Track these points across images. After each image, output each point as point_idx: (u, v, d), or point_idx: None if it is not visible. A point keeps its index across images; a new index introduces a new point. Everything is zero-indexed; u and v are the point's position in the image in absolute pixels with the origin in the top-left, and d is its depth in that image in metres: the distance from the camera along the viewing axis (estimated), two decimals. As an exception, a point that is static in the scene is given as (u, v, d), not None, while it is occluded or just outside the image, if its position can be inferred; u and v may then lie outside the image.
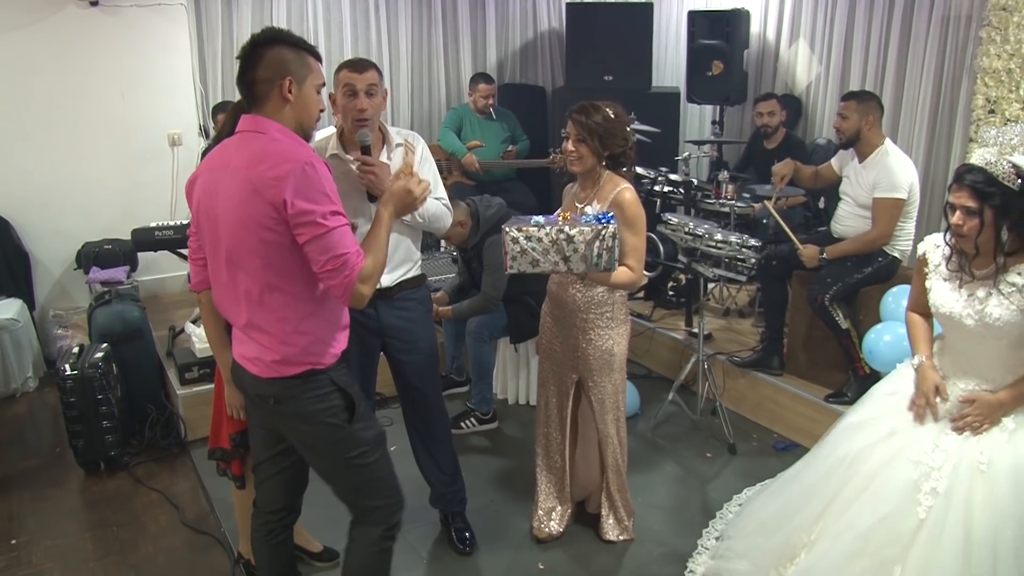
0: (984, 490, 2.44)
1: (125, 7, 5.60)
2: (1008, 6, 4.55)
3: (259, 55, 2.19)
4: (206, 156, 2.33)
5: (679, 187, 5.33)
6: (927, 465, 2.53)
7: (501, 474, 4.02)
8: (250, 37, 2.26)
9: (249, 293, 2.22)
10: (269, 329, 2.24)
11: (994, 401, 2.54)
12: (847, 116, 4.09)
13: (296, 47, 2.23)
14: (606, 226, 2.65)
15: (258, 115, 2.21)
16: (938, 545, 2.45)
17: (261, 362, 2.28)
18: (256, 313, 2.24)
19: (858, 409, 2.92)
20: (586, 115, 2.99)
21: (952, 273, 2.60)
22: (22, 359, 5.01)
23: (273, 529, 2.58)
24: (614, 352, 3.18)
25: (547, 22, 7.42)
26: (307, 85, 2.24)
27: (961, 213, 2.45)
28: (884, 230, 4.00)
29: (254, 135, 2.19)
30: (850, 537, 2.62)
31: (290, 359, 2.25)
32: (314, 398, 2.30)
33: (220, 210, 2.19)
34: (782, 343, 4.56)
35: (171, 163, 5.95)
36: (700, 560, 3.30)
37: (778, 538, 2.90)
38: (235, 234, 2.17)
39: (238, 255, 2.19)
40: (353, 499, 2.45)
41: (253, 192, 2.10)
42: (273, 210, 2.09)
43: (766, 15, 6.49)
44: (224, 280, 2.27)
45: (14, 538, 3.53)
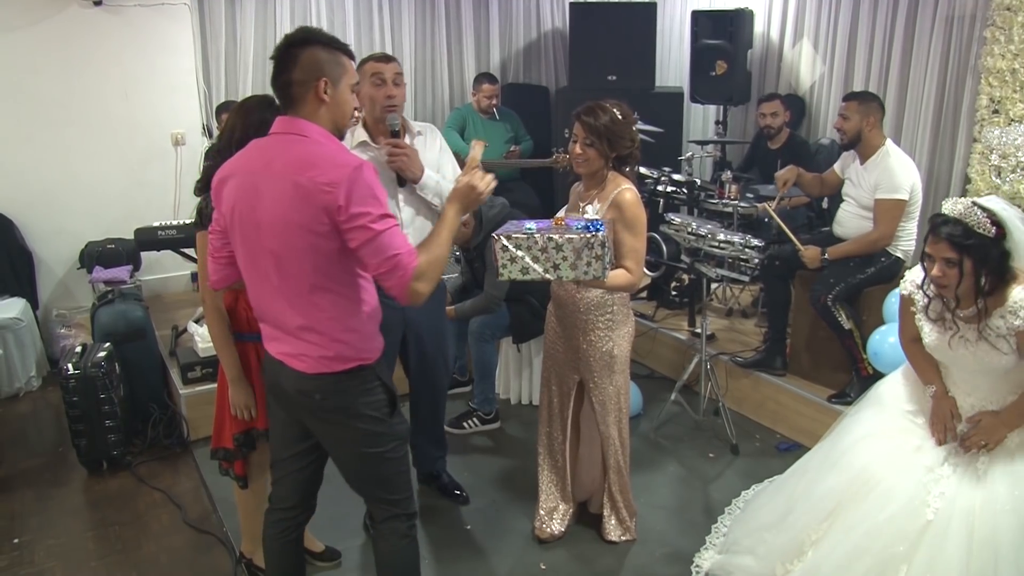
0: (983, 493, 2.49)
1: (128, 7, 5.61)
2: (1012, 6, 4.54)
3: (294, 56, 2.18)
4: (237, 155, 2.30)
5: (682, 187, 5.33)
6: (938, 472, 2.61)
7: (503, 474, 4.02)
8: (284, 37, 2.24)
9: (300, 294, 2.22)
10: (321, 328, 2.24)
11: (998, 422, 2.60)
12: (848, 117, 4.08)
13: (330, 47, 2.22)
14: (595, 234, 2.65)
15: (295, 117, 2.21)
16: (943, 545, 2.48)
17: (308, 358, 2.27)
18: (308, 313, 2.24)
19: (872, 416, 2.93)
20: (594, 117, 2.98)
21: (937, 316, 2.67)
22: (25, 358, 5.02)
23: (287, 527, 2.58)
24: (615, 354, 3.17)
25: (551, 22, 7.42)
26: (342, 85, 2.23)
27: (941, 265, 2.53)
28: (886, 231, 4.00)
29: (296, 138, 2.18)
30: (858, 534, 2.65)
31: (343, 355, 2.27)
32: (361, 392, 2.32)
33: (264, 213, 2.17)
34: (785, 343, 4.55)
35: (174, 163, 5.96)
36: (706, 556, 3.31)
37: (786, 535, 2.92)
38: (283, 237, 2.16)
39: (287, 257, 2.18)
40: (380, 493, 2.45)
41: (304, 197, 2.10)
42: (325, 215, 2.10)
43: (770, 15, 6.49)
44: (272, 282, 2.24)
45: (16, 537, 3.53)
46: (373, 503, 2.49)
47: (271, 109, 2.78)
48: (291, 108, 2.23)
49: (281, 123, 2.23)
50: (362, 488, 2.48)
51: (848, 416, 3.05)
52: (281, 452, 2.53)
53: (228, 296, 2.79)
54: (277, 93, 2.25)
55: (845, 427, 2.99)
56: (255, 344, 2.80)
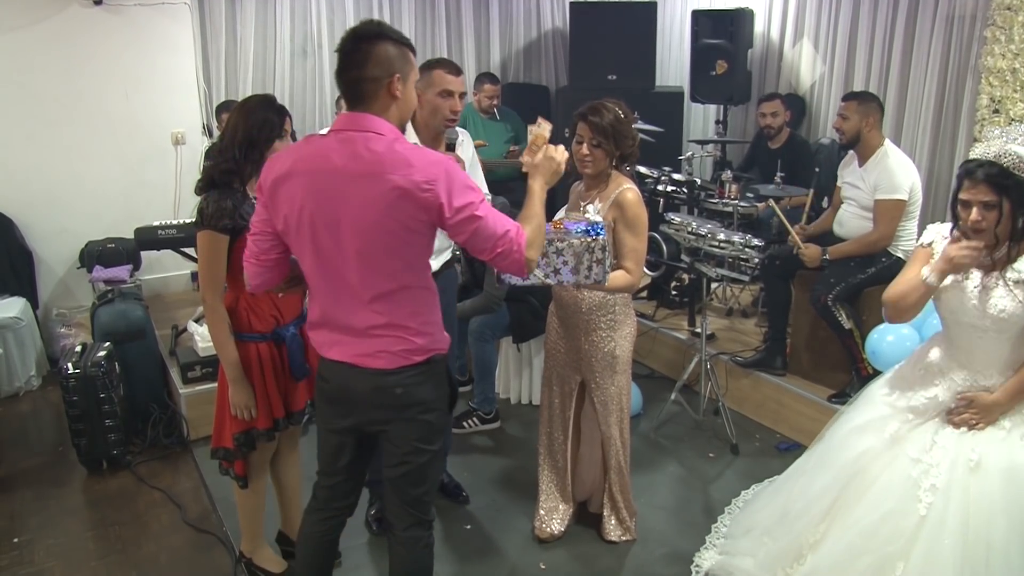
0: (977, 486, 2.48)
1: (129, 6, 5.61)
2: (1013, 5, 4.54)
3: (365, 51, 2.12)
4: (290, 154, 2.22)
5: (682, 187, 5.33)
6: (926, 463, 2.58)
7: (503, 474, 4.02)
8: (350, 31, 2.17)
9: (386, 293, 2.20)
10: (406, 323, 2.24)
11: (990, 402, 2.59)
12: (847, 116, 4.09)
13: (398, 43, 2.18)
14: (595, 239, 2.64)
15: (365, 113, 2.16)
16: (939, 540, 2.48)
17: (387, 354, 2.25)
18: (393, 312, 2.22)
19: (860, 411, 2.92)
20: (600, 116, 2.98)
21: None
22: (25, 358, 5.02)
23: (334, 524, 2.55)
24: (616, 354, 3.17)
25: (551, 21, 7.42)
26: (410, 82, 2.21)
27: (979, 208, 2.49)
28: (885, 231, 4.00)
29: (374, 136, 2.13)
30: (854, 534, 2.66)
31: (423, 347, 2.28)
32: (436, 384, 2.34)
33: (348, 212, 2.12)
34: (785, 343, 4.55)
35: (174, 162, 5.96)
36: (706, 556, 3.31)
37: (785, 540, 2.92)
38: (371, 236, 2.13)
39: (375, 257, 2.15)
40: (420, 495, 2.41)
41: (402, 196, 2.07)
42: (423, 213, 2.10)
43: (770, 14, 6.48)
44: (349, 282, 2.20)
45: (16, 536, 3.53)
46: (403, 508, 2.42)
47: (273, 108, 2.79)
48: (360, 104, 2.16)
49: (349, 120, 2.17)
50: (406, 490, 2.40)
51: (840, 414, 3.06)
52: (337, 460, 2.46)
53: (229, 296, 2.80)
54: (345, 88, 2.17)
55: (836, 425, 3.00)
56: (256, 344, 2.81)
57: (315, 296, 2.30)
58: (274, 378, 2.86)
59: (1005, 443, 2.52)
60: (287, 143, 2.80)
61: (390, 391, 2.28)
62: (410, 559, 2.45)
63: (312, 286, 2.29)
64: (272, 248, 2.30)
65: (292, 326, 2.89)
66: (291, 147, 2.28)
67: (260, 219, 2.29)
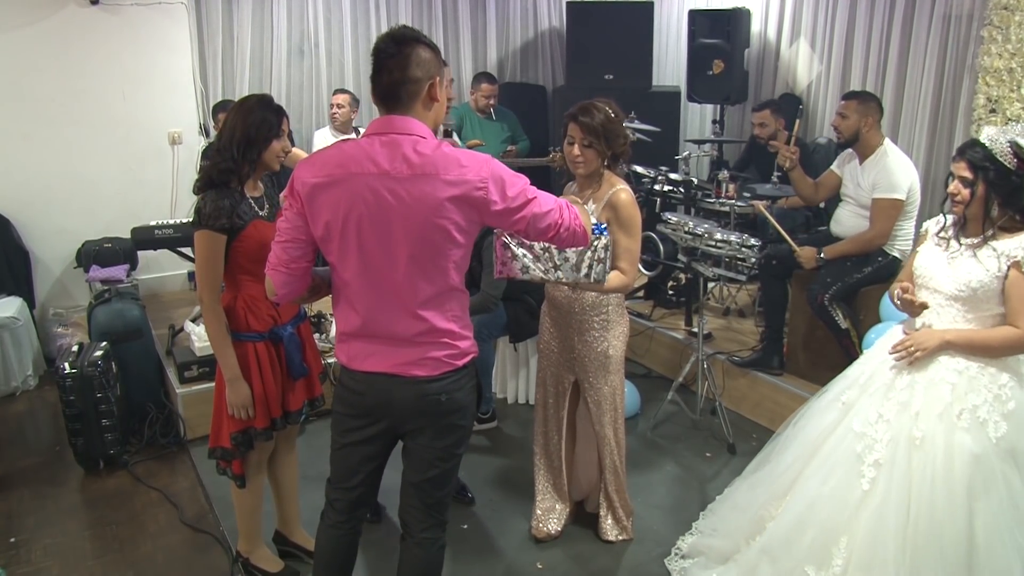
0: (920, 463, 2.54)
1: (126, 6, 5.61)
2: (1010, 5, 4.55)
3: (407, 55, 2.10)
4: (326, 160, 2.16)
5: (679, 186, 5.33)
6: (871, 437, 2.66)
7: (500, 473, 4.02)
8: (387, 35, 2.15)
9: (432, 297, 2.19)
10: (452, 327, 2.25)
11: (936, 332, 2.67)
12: (847, 115, 4.09)
13: (431, 47, 2.17)
14: (598, 237, 2.64)
15: (404, 116, 2.14)
16: (882, 516, 2.55)
17: (431, 361, 2.24)
18: (440, 316, 2.22)
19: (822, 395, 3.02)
20: (591, 116, 2.97)
21: (942, 239, 2.76)
22: (22, 357, 5.02)
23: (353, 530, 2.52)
24: (610, 355, 3.18)
25: (547, 21, 7.43)
26: (443, 85, 2.23)
27: (957, 182, 2.64)
28: (881, 230, 4.00)
29: (417, 139, 2.12)
30: (802, 507, 2.75)
31: (467, 350, 2.30)
32: (470, 389, 2.35)
33: (399, 217, 2.10)
34: (782, 343, 4.55)
35: (171, 162, 5.96)
36: (688, 540, 3.38)
37: (748, 513, 3.03)
38: (425, 240, 2.11)
39: (426, 261, 2.14)
40: (441, 496, 2.41)
41: (456, 198, 2.08)
42: (476, 213, 2.13)
43: (767, 14, 6.49)
44: (398, 289, 2.18)
45: (13, 536, 3.53)
46: (424, 510, 2.40)
47: (270, 108, 2.78)
48: (399, 107, 2.14)
49: (388, 123, 2.14)
50: (431, 492, 2.38)
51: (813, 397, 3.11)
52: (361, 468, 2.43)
53: (226, 295, 2.80)
54: (384, 91, 2.13)
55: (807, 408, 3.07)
56: (253, 344, 2.81)
57: (357, 305, 2.24)
58: (272, 378, 2.86)
59: (943, 419, 2.56)
60: (285, 143, 2.80)
61: (434, 398, 2.25)
62: (425, 560, 2.44)
63: (354, 295, 2.23)
64: (303, 256, 2.24)
65: (289, 326, 2.89)
66: (324, 152, 2.21)
67: (292, 226, 2.21)
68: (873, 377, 2.79)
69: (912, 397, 2.63)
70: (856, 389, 2.82)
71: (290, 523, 3.29)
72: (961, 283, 2.62)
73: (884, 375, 2.75)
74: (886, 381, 2.73)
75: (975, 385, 2.57)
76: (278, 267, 2.25)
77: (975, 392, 2.56)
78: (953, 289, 2.64)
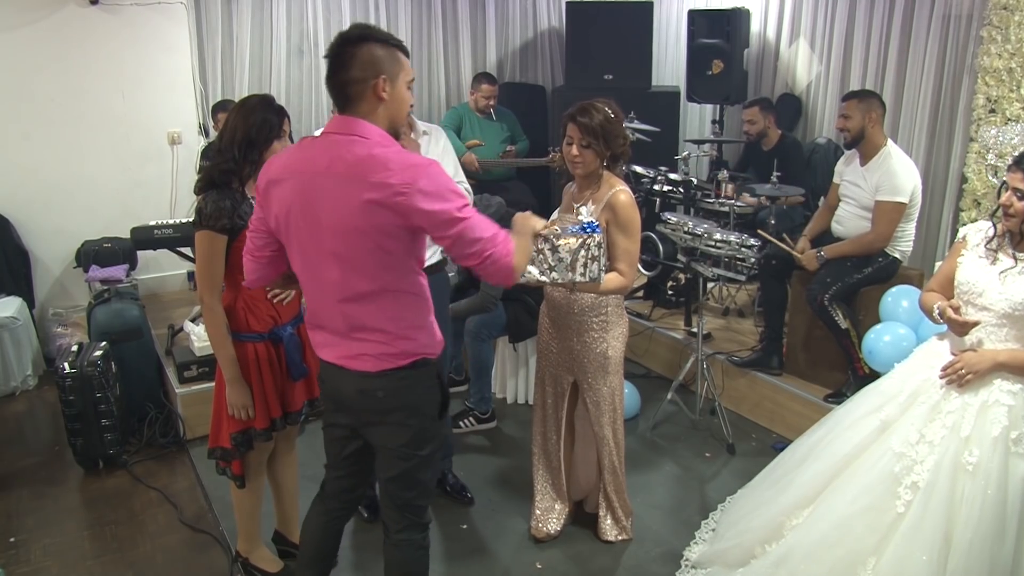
0: (971, 490, 2.45)
1: (125, 6, 5.60)
2: (1009, 5, 4.55)
3: (351, 54, 2.13)
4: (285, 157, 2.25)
5: (679, 186, 5.33)
6: (910, 458, 2.57)
7: (499, 474, 4.02)
8: (338, 35, 2.18)
9: (363, 295, 2.20)
10: (385, 327, 2.24)
11: (987, 353, 2.56)
12: (850, 116, 4.07)
13: (386, 43, 2.17)
14: (591, 235, 2.63)
15: (352, 116, 2.16)
16: (914, 541, 2.47)
17: (370, 357, 2.26)
18: (371, 315, 2.23)
19: (853, 407, 2.94)
20: (589, 117, 2.96)
21: (989, 251, 2.66)
22: (21, 357, 5.01)
23: (341, 516, 2.59)
24: (609, 355, 3.17)
25: (547, 21, 7.42)
26: (399, 82, 2.19)
27: (1012, 194, 2.56)
28: (883, 232, 4.00)
29: (357, 139, 2.13)
30: (830, 524, 2.67)
31: (407, 351, 2.27)
32: (423, 388, 2.33)
33: (326, 215, 2.13)
34: (781, 343, 4.55)
35: (171, 162, 5.95)
36: (696, 549, 3.34)
37: (765, 518, 2.95)
38: (349, 240, 2.13)
39: (353, 260, 2.16)
40: (410, 497, 2.42)
41: (375, 202, 2.07)
42: (399, 218, 2.08)
43: (766, 14, 6.49)
44: (332, 285, 2.22)
45: (13, 536, 3.53)
46: (396, 511, 2.44)
47: (271, 109, 2.78)
48: (348, 107, 2.17)
49: (337, 123, 2.18)
50: (397, 493, 2.42)
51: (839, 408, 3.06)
52: (341, 450, 2.51)
53: (226, 296, 2.80)
54: (333, 92, 2.18)
55: (836, 418, 3.00)
56: (253, 344, 2.81)
57: (306, 296, 2.35)
58: (271, 378, 2.87)
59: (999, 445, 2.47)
60: (286, 143, 2.80)
61: (373, 394, 2.30)
62: (403, 561, 2.46)
63: (303, 286, 2.34)
64: (266, 245, 2.34)
65: (289, 326, 2.89)
66: (288, 149, 2.31)
67: (256, 217, 2.34)
68: (916, 395, 2.69)
69: (962, 420, 2.54)
70: (896, 407, 2.72)
71: (289, 523, 3.29)
72: (1016, 303, 2.53)
73: (929, 395, 2.65)
74: (931, 402, 2.63)
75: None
76: (246, 254, 2.41)
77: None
78: (1007, 307, 2.55)
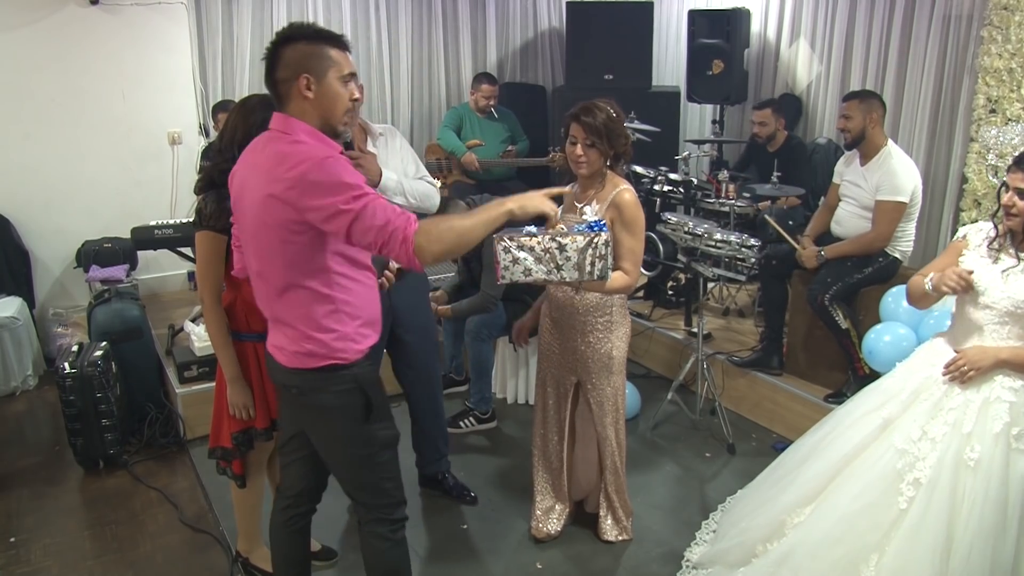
0: (973, 487, 2.46)
1: (125, 6, 5.60)
2: (1010, 5, 4.55)
3: (278, 55, 2.17)
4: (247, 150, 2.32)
5: (679, 186, 5.33)
6: (912, 455, 2.58)
7: (499, 474, 4.02)
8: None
9: (276, 289, 2.24)
10: (293, 324, 2.26)
11: (989, 350, 2.58)
12: (851, 116, 4.06)
13: (314, 40, 2.17)
14: (598, 233, 2.64)
15: (286, 115, 2.20)
16: (917, 537, 2.49)
17: (286, 352, 2.30)
18: (280, 308, 2.27)
19: (854, 406, 2.95)
20: (593, 116, 2.96)
21: (991, 251, 2.67)
22: (22, 357, 5.01)
23: (293, 515, 2.60)
24: (613, 355, 3.17)
25: (547, 21, 7.42)
26: (328, 79, 2.17)
27: (1013, 194, 2.57)
28: (883, 232, 4.00)
29: (280, 135, 2.18)
30: (832, 521, 2.68)
31: (314, 353, 2.26)
32: (335, 394, 2.31)
33: (248, 208, 2.21)
34: (782, 343, 4.55)
35: (171, 162, 5.95)
36: (697, 550, 3.34)
37: (767, 517, 2.96)
38: (259, 234, 2.20)
39: (262, 253, 2.22)
40: (359, 495, 2.45)
41: (272, 196, 2.10)
42: (294, 212, 2.09)
43: (767, 14, 6.49)
44: (256, 273, 2.31)
45: (13, 536, 3.53)
46: (357, 505, 2.49)
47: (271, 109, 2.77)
48: (281, 106, 2.22)
49: (274, 120, 2.23)
50: (349, 492, 2.47)
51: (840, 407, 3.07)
52: (286, 434, 2.55)
53: (226, 296, 2.79)
54: (270, 92, 2.26)
55: (837, 417, 3.01)
56: (254, 344, 2.80)
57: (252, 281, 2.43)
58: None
59: (1000, 441, 2.48)
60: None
61: (287, 388, 2.37)
62: (373, 553, 2.50)
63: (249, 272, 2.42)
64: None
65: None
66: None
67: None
68: (918, 393, 2.70)
69: (964, 416, 2.55)
70: (897, 404, 2.73)
71: (290, 523, 3.29)
72: (1018, 301, 2.54)
73: (931, 392, 2.66)
74: (933, 398, 2.64)
75: None
76: (233, 245, 2.56)
77: None
78: (1009, 305, 2.56)
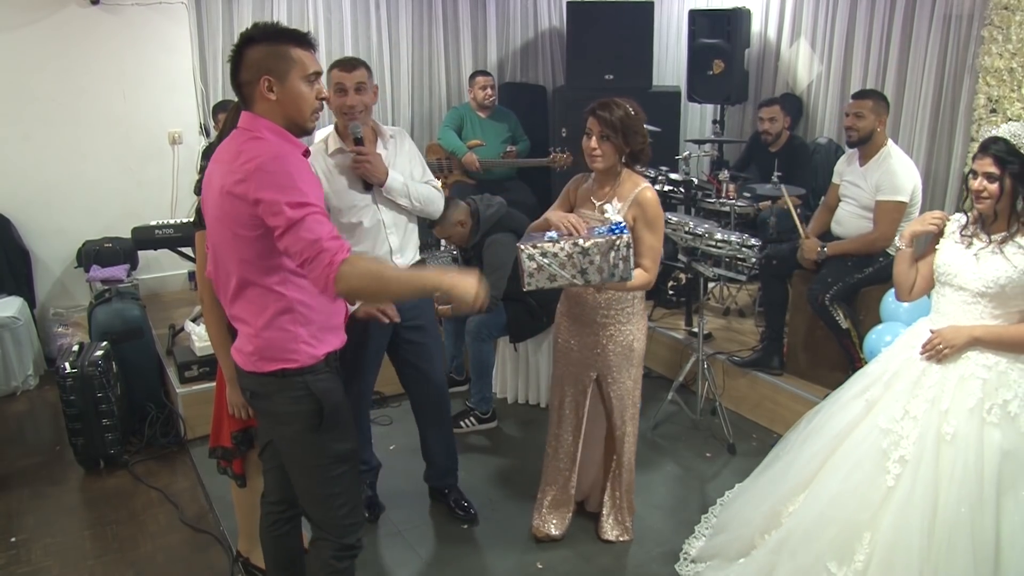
0: (950, 459, 2.54)
1: (126, 6, 5.61)
2: (1010, 5, 4.54)
3: (241, 57, 2.17)
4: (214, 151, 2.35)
5: (680, 186, 5.33)
6: (896, 433, 2.65)
7: (500, 473, 4.02)
8: None
9: (232, 286, 2.25)
10: (247, 320, 2.27)
11: (963, 328, 2.67)
12: (863, 115, 4.03)
13: (276, 40, 2.16)
14: (620, 236, 2.66)
15: (249, 112, 2.22)
16: (906, 513, 2.55)
17: (242, 353, 2.31)
18: (238, 306, 2.27)
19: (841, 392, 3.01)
20: (609, 111, 2.97)
21: (964, 237, 2.75)
22: (22, 357, 5.02)
23: (276, 520, 2.59)
24: (634, 347, 3.19)
25: (548, 21, 7.42)
26: (291, 79, 2.16)
27: (983, 178, 2.63)
28: (885, 232, 3.99)
29: (243, 132, 2.19)
30: (824, 503, 2.74)
31: (263, 354, 2.24)
32: (284, 400, 2.28)
33: (209, 204, 2.23)
34: (782, 343, 4.55)
35: (172, 162, 5.95)
36: (695, 544, 3.37)
37: (763, 508, 3.01)
38: (216, 228, 2.23)
39: (221, 248, 2.23)
40: (310, 509, 2.43)
41: (227, 190, 2.11)
42: (245, 206, 2.08)
43: (767, 14, 6.49)
44: (216, 269, 2.33)
45: (13, 536, 3.53)
46: (306, 515, 2.47)
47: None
48: (247, 107, 2.23)
49: (240, 119, 2.24)
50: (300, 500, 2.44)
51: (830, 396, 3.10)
52: (261, 443, 2.56)
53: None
54: (236, 94, 2.26)
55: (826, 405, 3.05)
56: (252, 343, 2.80)
57: None
58: (271, 377, 2.86)
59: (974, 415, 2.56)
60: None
61: (245, 391, 2.39)
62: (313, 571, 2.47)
63: None
64: None
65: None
66: None
67: None
68: (899, 374, 2.78)
69: (941, 393, 2.63)
70: (880, 386, 2.82)
71: (290, 523, 3.29)
72: (988, 280, 2.62)
73: (910, 372, 2.74)
74: (913, 378, 2.72)
75: (1005, 380, 2.58)
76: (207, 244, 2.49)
77: (1006, 387, 2.57)
78: (980, 286, 2.65)
